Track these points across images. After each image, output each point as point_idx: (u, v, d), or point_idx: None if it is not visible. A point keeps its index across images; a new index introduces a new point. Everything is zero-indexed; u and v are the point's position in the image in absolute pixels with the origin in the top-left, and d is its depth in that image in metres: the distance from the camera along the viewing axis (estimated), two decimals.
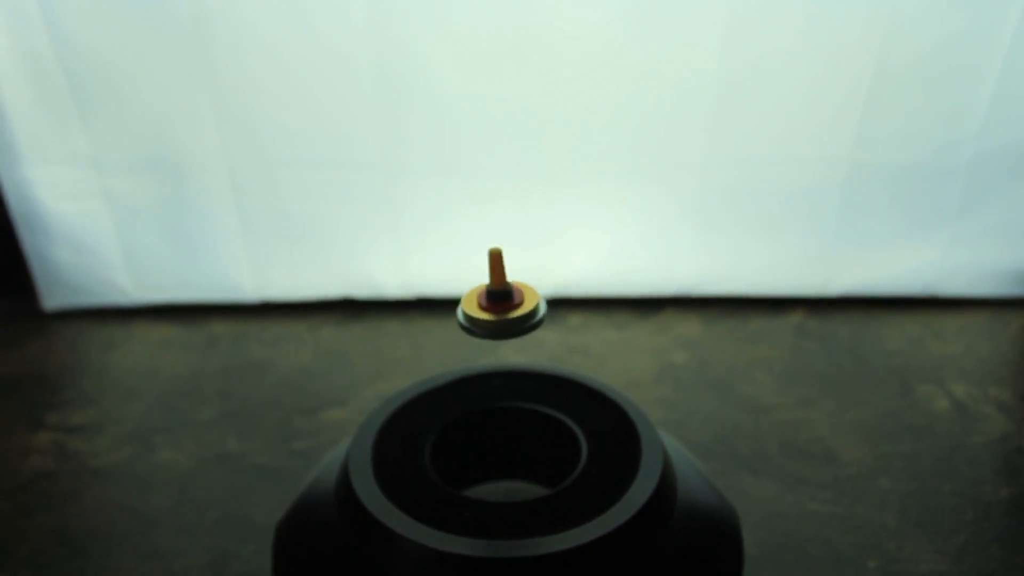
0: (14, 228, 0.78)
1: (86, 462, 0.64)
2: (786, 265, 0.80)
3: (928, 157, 0.74)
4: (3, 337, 0.80)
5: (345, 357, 0.76)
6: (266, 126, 0.72)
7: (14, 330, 0.81)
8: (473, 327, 0.43)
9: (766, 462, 0.62)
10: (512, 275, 0.44)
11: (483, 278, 0.44)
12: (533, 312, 0.44)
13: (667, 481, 0.46)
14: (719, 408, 0.68)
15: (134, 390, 0.72)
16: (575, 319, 0.82)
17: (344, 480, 0.47)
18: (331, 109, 0.72)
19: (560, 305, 0.83)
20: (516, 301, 0.44)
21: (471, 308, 0.44)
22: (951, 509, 0.57)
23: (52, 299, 0.82)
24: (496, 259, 0.44)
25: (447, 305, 0.82)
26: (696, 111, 0.72)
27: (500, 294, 0.44)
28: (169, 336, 0.80)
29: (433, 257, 0.80)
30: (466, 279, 0.86)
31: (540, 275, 0.81)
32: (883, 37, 0.68)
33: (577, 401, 0.52)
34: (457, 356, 0.75)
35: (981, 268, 0.80)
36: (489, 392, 0.54)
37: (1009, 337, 0.77)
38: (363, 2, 0.67)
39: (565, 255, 0.80)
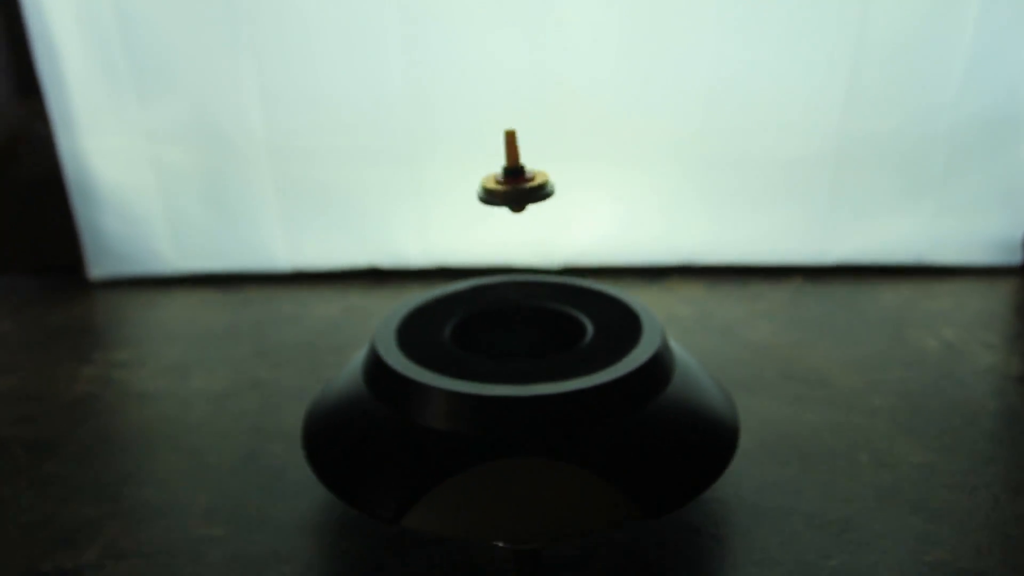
0: (69, 199, 0.85)
1: (129, 388, 0.68)
2: (784, 234, 0.85)
3: (910, 125, 0.79)
4: (51, 300, 0.86)
5: (370, 312, 0.81)
6: (302, 94, 0.80)
7: (61, 295, 0.87)
8: (491, 197, 0.49)
9: (764, 385, 0.66)
10: (527, 246, 0.47)
11: (496, 251, 0.47)
12: (544, 184, 0.50)
13: (665, 353, 0.51)
14: (721, 347, 0.72)
15: (173, 335, 0.77)
16: None
17: (371, 352, 0.52)
18: (363, 77, 0.79)
19: (572, 274, 0.88)
20: (528, 176, 0.50)
21: (489, 184, 0.50)
22: (939, 418, 0.60)
23: (99, 268, 0.88)
24: (511, 139, 0.49)
25: (467, 273, 0.87)
26: (694, 80, 0.78)
27: (514, 171, 0.50)
28: (207, 298, 0.85)
29: (452, 226, 0.86)
30: (484, 250, 0.91)
31: (554, 245, 0.86)
32: (862, 17, 0.75)
33: (586, 300, 0.57)
34: None
35: (969, 237, 0.85)
36: (506, 295, 0.59)
37: (997, 296, 0.81)
38: None
39: (576, 226, 0.86)
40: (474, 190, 0.84)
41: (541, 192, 0.49)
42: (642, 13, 0.76)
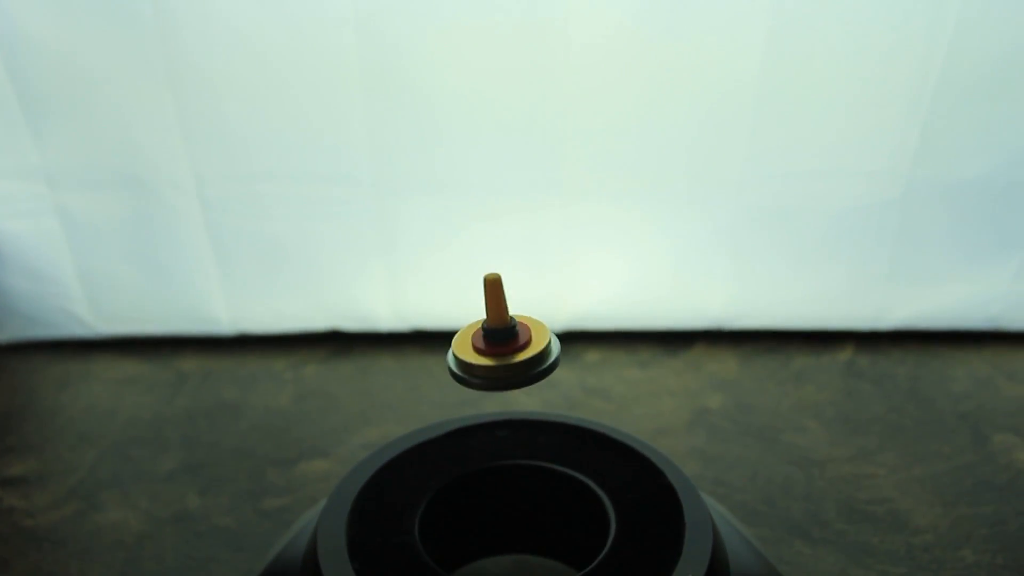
0: None
1: (20, 522, 0.54)
2: (833, 295, 0.71)
3: (996, 173, 0.65)
4: None
5: (330, 399, 0.67)
6: (240, 135, 0.64)
7: None
8: (467, 375, 0.34)
9: (823, 528, 0.52)
10: (519, 307, 0.35)
11: (482, 313, 0.35)
12: (543, 355, 0.35)
13: (718, 565, 0.37)
14: (763, 461, 0.58)
15: (85, 436, 0.63)
16: (592, 356, 0.72)
17: (311, 560, 0.37)
18: (314, 115, 0.63)
19: (576, 340, 0.73)
20: (521, 341, 0.35)
21: (464, 351, 0.35)
22: None
23: (2, 331, 0.73)
24: (494, 288, 0.34)
25: (447, 339, 0.73)
26: (732, 117, 0.63)
27: (501, 332, 0.35)
28: (132, 373, 0.71)
29: (431, 285, 0.71)
30: (469, 310, 0.75)
31: (553, 306, 0.72)
32: (951, 36, 0.59)
33: (602, 458, 0.43)
34: (458, 399, 0.66)
35: None
36: (493, 447, 0.44)
37: None
38: None
39: (581, 283, 0.71)
40: (456, 240, 0.70)
41: (538, 369, 0.34)
42: (670, 23, 0.60)
